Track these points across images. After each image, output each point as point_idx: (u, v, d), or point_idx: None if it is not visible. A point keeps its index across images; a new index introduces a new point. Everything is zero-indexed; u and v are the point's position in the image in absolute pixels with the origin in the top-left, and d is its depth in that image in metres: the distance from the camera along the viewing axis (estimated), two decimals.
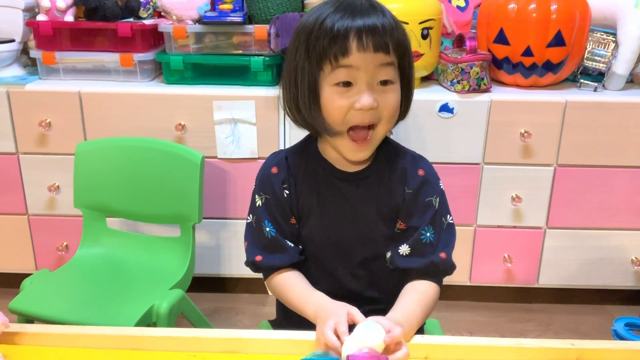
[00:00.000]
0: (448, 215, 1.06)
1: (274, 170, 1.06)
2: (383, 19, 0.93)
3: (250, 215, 1.08)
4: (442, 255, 1.02)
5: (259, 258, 1.06)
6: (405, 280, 1.04)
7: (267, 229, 1.05)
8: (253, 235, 1.08)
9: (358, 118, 0.95)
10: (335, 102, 0.94)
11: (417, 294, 1.00)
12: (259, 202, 1.06)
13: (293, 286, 1.04)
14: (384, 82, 0.95)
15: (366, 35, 0.91)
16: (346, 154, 1.00)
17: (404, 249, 1.03)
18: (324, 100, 0.96)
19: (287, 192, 1.05)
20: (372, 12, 0.93)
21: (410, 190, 1.03)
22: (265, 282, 1.10)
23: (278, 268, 1.06)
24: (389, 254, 1.05)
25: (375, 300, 1.08)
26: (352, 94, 0.94)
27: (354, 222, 1.05)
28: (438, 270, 1.03)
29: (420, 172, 1.04)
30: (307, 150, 1.08)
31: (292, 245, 1.06)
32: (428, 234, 1.02)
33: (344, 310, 0.90)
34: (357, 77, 0.93)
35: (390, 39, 0.93)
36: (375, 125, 0.97)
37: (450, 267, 1.04)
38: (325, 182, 1.05)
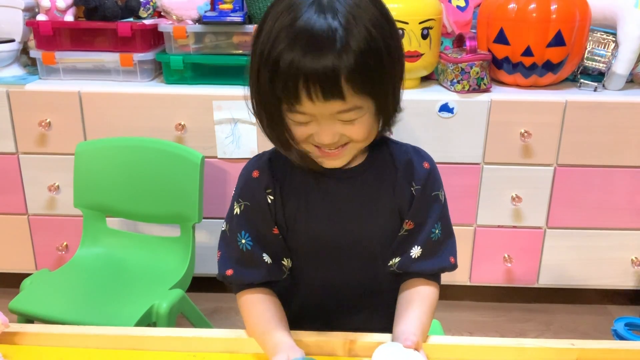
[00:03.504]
0: (449, 212, 1.01)
1: (255, 174, 0.97)
2: (340, 58, 0.77)
3: (226, 224, 1.00)
4: (452, 259, 0.98)
5: (229, 272, 0.96)
6: (404, 277, 0.99)
7: (243, 241, 0.95)
8: (226, 246, 0.99)
9: (319, 144, 0.87)
10: (295, 131, 0.86)
11: (425, 301, 0.95)
12: (236, 210, 0.97)
13: (260, 311, 0.94)
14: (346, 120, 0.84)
15: (314, 83, 0.78)
16: (323, 165, 0.91)
17: (416, 251, 0.96)
18: (287, 122, 0.86)
19: (271, 197, 0.95)
20: (327, 44, 0.77)
21: (419, 185, 0.95)
22: (236, 296, 1.00)
23: (250, 284, 0.97)
24: (397, 259, 0.98)
25: (369, 294, 1.05)
26: (311, 128, 0.84)
27: (347, 224, 0.97)
28: (444, 272, 1.00)
29: (426, 165, 0.97)
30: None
31: (269, 261, 0.96)
32: (437, 231, 0.97)
33: (301, 353, 0.85)
34: (314, 119, 0.83)
35: (347, 84, 0.78)
36: (348, 143, 0.87)
37: (454, 269, 1.00)
38: (314, 183, 0.96)
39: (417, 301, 0.95)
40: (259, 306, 0.95)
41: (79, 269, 1.68)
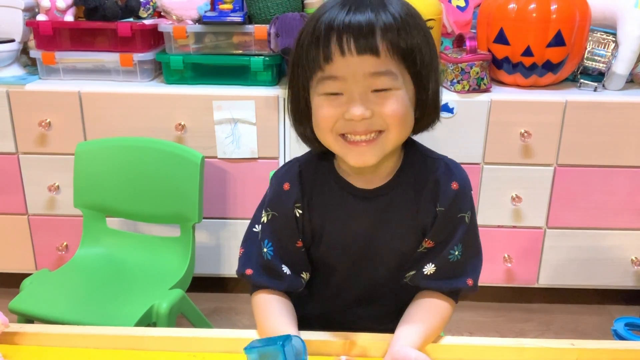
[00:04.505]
0: (477, 231, 0.97)
1: (286, 186, 0.95)
2: (378, 15, 0.79)
3: (257, 226, 0.98)
4: (469, 282, 0.95)
5: (249, 272, 0.96)
6: (421, 289, 0.98)
7: (265, 250, 0.96)
8: (251, 246, 0.99)
9: (349, 128, 0.83)
10: (323, 110, 0.84)
11: (434, 314, 0.93)
12: (264, 218, 0.96)
13: (273, 311, 0.94)
14: (379, 90, 0.82)
15: (347, 36, 0.78)
16: (348, 160, 0.87)
17: (429, 268, 0.94)
18: (313, 107, 0.86)
19: (299, 211, 0.94)
20: (369, 6, 0.80)
21: (443, 208, 0.92)
22: (251, 295, 0.99)
23: (266, 287, 0.97)
24: (412, 273, 0.96)
25: (379, 303, 1.05)
26: (341, 102, 0.82)
27: (369, 241, 0.96)
28: (460, 293, 0.97)
29: (454, 186, 0.93)
30: (321, 163, 0.96)
31: (289, 272, 0.96)
32: (456, 253, 0.94)
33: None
34: (346, 89, 0.82)
35: (383, 40, 0.79)
36: (383, 131, 0.84)
37: (473, 292, 0.97)
38: (341, 201, 0.94)
39: (427, 318, 0.92)
40: (273, 306, 0.95)
41: (79, 269, 1.68)
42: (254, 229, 0.99)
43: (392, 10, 0.81)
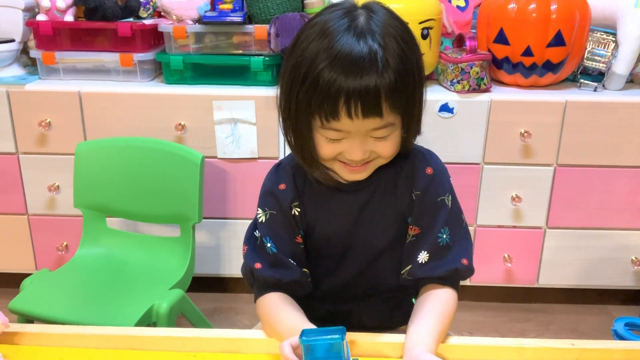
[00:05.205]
0: (462, 215, 1.01)
1: (282, 186, 0.99)
2: (382, 76, 0.81)
3: (257, 231, 1.01)
4: (464, 261, 0.97)
5: (258, 265, 0.99)
6: (420, 285, 0.99)
7: (269, 245, 0.98)
8: (255, 243, 1.01)
9: (346, 159, 0.90)
10: (324, 148, 0.89)
11: (441, 309, 0.94)
12: (262, 218, 1.00)
13: (289, 309, 0.95)
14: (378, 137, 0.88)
15: (355, 101, 0.81)
16: (342, 176, 0.94)
17: (423, 256, 0.97)
18: (314, 136, 0.89)
19: (298, 210, 0.99)
20: (369, 66, 0.81)
21: (419, 191, 0.97)
22: (255, 302, 1.00)
23: (275, 284, 0.99)
24: (408, 268, 0.99)
25: (374, 295, 1.07)
26: (342, 144, 0.88)
27: (358, 232, 1.00)
28: (459, 277, 0.99)
29: (429, 171, 0.98)
30: None
31: (295, 264, 0.99)
32: (444, 236, 0.97)
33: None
34: (348, 136, 0.87)
35: (386, 102, 0.83)
36: (375, 159, 0.91)
37: (470, 273, 0.99)
38: (329, 196, 0.99)
39: (432, 314, 0.92)
40: (286, 304, 0.97)
41: (79, 269, 1.68)
42: (256, 232, 1.01)
43: (392, 63, 0.82)
